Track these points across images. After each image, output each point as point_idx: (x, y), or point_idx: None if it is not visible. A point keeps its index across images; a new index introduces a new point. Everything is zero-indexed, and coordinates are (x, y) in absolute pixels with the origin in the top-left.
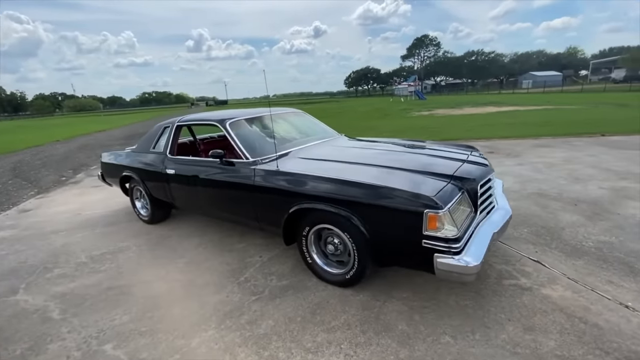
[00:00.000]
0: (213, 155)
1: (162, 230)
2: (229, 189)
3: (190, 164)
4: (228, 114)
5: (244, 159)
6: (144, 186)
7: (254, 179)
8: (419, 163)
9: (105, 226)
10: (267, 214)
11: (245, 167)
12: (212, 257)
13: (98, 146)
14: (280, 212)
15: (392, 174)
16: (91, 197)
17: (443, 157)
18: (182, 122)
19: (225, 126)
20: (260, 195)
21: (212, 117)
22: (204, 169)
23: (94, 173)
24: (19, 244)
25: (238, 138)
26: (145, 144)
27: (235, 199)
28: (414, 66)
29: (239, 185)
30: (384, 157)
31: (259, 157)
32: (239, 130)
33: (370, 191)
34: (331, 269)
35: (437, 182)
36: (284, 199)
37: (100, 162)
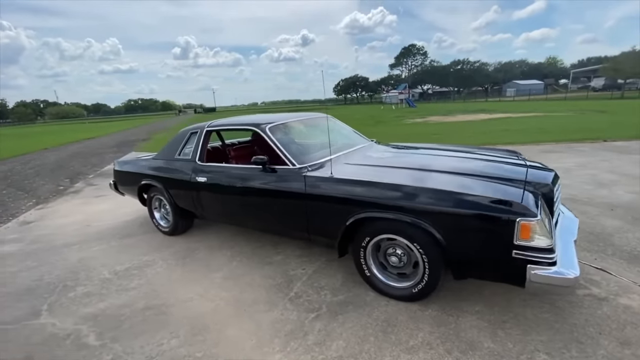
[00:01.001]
0: (255, 162)
1: (187, 242)
2: (275, 198)
3: (225, 171)
4: (263, 119)
5: (290, 166)
6: (168, 196)
7: (306, 186)
8: (484, 168)
9: (121, 238)
10: (320, 225)
11: (293, 174)
12: (251, 271)
13: (90, 154)
14: (338, 223)
15: (465, 180)
16: (96, 207)
17: (502, 161)
18: (212, 128)
19: (265, 131)
20: (314, 205)
21: (247, 121)
22: (243, 177)
23: (94, 182)
24: (29, 260)
25: (281, 143)
26: (169, 151)
27: (282, 208)
28: (401, 74)
29: (288, 193)
30: (442, 162)
31: (305, 163)
32: (279, 135)
33: (452, 199)
34: (393, 282)
35: (515, 188)
36: (343, 208)
37: (114, 171)
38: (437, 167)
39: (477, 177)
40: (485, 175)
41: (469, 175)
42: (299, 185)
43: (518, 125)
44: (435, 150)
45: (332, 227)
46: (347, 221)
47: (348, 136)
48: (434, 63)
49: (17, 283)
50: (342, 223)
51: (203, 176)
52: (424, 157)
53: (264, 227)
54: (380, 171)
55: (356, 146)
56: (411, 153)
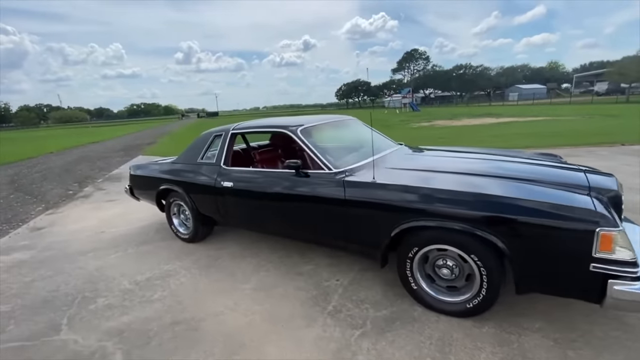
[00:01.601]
0: (288, 166)
1: (207, 250)
2: (310, 204)
3: (254, 176)
4: (292, 121)
5: (326, 170)
6: (190, 201)
7: (345, 192)
8: (540, 173)
9: (138, 245)
10: (362, 233)
11: (329, 179)
12: (282, 282)
13: (96, 158)
14: (381, 231)
15: (527, 186)
16: (108, 212)
17: (555, 166)
18: (238, 130)
19: (297, 134)
20: (355, 212)
21: (276, 124)
22: (274, 182)
23: (103, 187)
24: (43, 268)
25: (314, 147)
26: (190, 155)
27: (318, 215)
28: (403, 79)
29: (325, 200)
30: (491, 166)
31: (342, 167)
32: (311, 138)
33: (520, 206)
34: (444, 296)
35: (583, 196)
36: (388, 215)
37: (130, 175)
38: (489, 171)
39: (538, 183)
40: (545, 181)
41: (528, 180)
42: (338, 191)
43: (529, 129)
44: (476, 154)
45: (374, 236)
46: (393, 231)
47: (377, 138)
48: (436, 67)
49: (32, 294)
50: (386, 232)
51: (229, 181)
52: (469, 161)
53: (295, 235)
54: (426, 176)
55: (388, 149)
56: (453, 157)
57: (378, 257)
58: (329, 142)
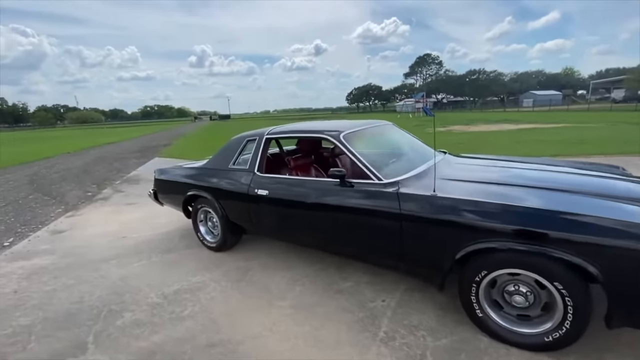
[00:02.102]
0: (333, 175)
1: (236, 261)
2: (357, 217)
3: (292, 184)
4: (332, 125)
5: (375, 180)
6: (220, 208)
7: (401, 206)
8: (619, 190)
9: (162, 254)
10: (418, 253)
11: (380, 190)
12: (322, 301)
13: (113, 159)
14: (445, 252)
15: (614, 204)
16: (129, 216)
17: (627, 180)
18: (273, 135)
19: (339, 139)
20: (412, 229)
21: (315, 128)
22: (315, 192)
23: (121, 189)
24: (65, 276)
25: (360, 154)
26: (221, 160)
27: (366, 230)
28: (415, 84)
29: (376, 213)
30: (562, 180)
31: (393, 177)
32: (357, 144)
33: (622, 228)
34: (517, 326)
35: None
36: (455, 234)
37: (155, 180)
38: (563, 186)
39: (624, 201)
40: (628, 197)
41: (612, 197)
42: (391, 205)
43: (552, 136)
44: (534, 164)
45: (434, 256)
46: (459, 252)
47: (420, 147)
48: (448, 72)
49: (54, 305)
50: (450, 253)
51: (264, 189)
52: (532, 172)
53: (336, 249)
54: (494, 190)
55: (435, 158)
56: (511, 167)
57: (436, 280)
58: (371, 149)
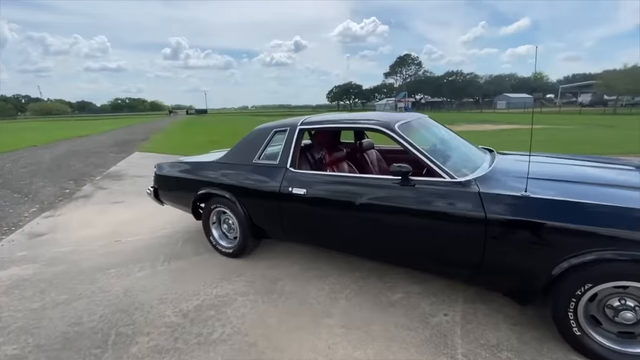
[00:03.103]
0: (395, 171)
1: (259, 269)
2: (425, 221)
3: (339, 183)
4: (375, 116)
5: (446, 178)
6: (242, 209)
7: (486, 209)
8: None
9: (168, 261)
10: (507, 263)
11: (454, 190)
12: (374, 316)
13: (88, 153)
14: (542, 261)
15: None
16: (119, 217)
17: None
18: (307, 126)
19: (394, 129)
20: (502, 235)
21: (359, 118)
22: (368, 192)
23: (103, 185)
24: (54, 290)
25: (423, 147)
26: (243, 153)
27: (439, 237)
28: (394, 83)
29: (454, 217)
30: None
31: (465, 175)
32: (415, 136)
33: None
34: (624, 346)
35: None
36: (559, 241)
37: (156, 176)
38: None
39: None
40: None
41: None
42: (472, 207)
43: (536, 137)
44: (586, 162)
45: (529, 267)
46: (561, 262)
47: (465, 142)
48: (427, 73)
49: (46, 328)
50: (548, 263)
51: (300, 187)
52: (598, 170)
53: (392, 258)
54: (585, 190)
55: (490, 156)
56: (574, 165)
57: (521, 293)
58: (423, 143)
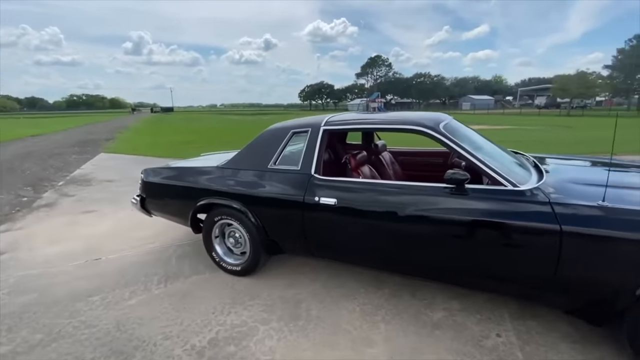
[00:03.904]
0: (450, 178)
1: (274, 289)
2: (488, 234)
3: (379, 192)
4: (413, 115)
5: (507, 186)
6: (255, 221)
7: (560, 220)
8: None
9: (164, 282)
10: (585, 281)
11: (522, 199)
12: (422, 342)
13: (45, 155)
14: (624, 280)
15: None
16: (93, 229)
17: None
18: (333, 127)
19: (441, 131)
20: (579, 250)
21: (394, 118)
22: (416, 202)
23: (68, 192)
24: (25, 328)
25: (474, 151)
26: (255, 157)
27: (503, 252)
28: (366, 84)
29: (522, 230)
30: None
31: (527, 183)
32: (461, 138)
33: None
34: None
35: None
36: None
37: (144, 183)
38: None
39: None
40: None
41: None
42: (544, 218)
43: (508, 137)
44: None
45: (609, 285)
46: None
47: (499, 146)
48: (397, 75)
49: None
50: (634, 283)
51: (329, 196)
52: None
53: (441, 276)
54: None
55: (530, 160)
56: (621, 171)
57: (596, 312)
58: (476, 145)
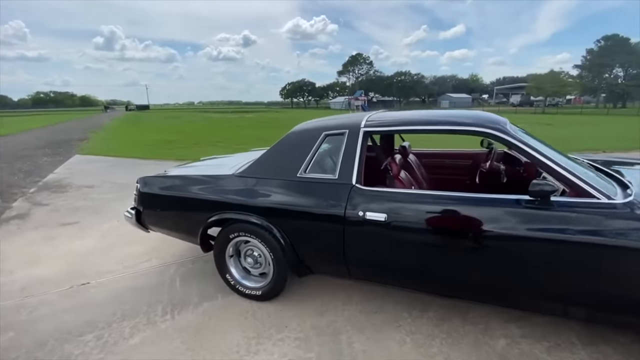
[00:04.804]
0: (536, 190)
1: (303, 316)
2: (578, 254)
3: (441, 204)
4: (471, 115)
5: (601, 199)
6: (281, 239)
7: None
8: None
9: (171, 312)
10: None
11: (619, 214)
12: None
13: (12, 157)
14: None
15: None
16: (76, 245)
17: None
18: (374, 128)
19: (512, 133)
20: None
21: (449, 118)
22: (490, 215)
23: (43, 200)
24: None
25: (552, 156)
26: (280, 164)
27: (602, 276)
28: (347, 82)
29: (625, 250)
30: None
31: (613, 194)
32: (530, 141)
33: None
34: None
35: None
36: None
37: (141, 194)
38: None
39: None
40: None
41: None
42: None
43: None
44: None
45: None
46: None
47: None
48: (378, 73)
49: None
50: None
51: (378, 210)
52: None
53: (518, 302)
54: None
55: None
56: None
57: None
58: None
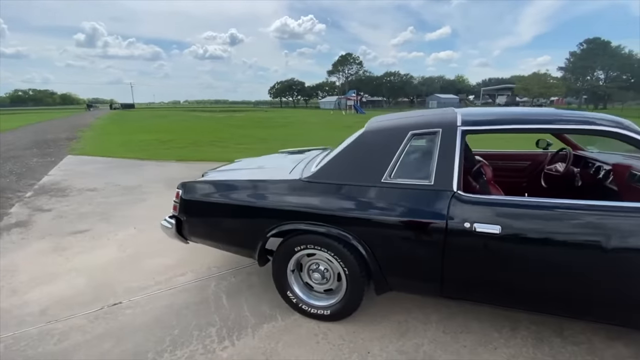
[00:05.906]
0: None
1: (382, 339)
2: None
3: (569, 214)
4: (579, 114)
5: None
6: (364, 252)
7: None
8: None
9: (229, 338)
10: None
11: None
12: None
13: (1, 157)
14: None
15: None
16: (92, 258)
17: None
18: (474, 126)
19: (631, 130)
20: None
21: (561, 117)
22: (625, 227)
23: (43, 205)
24: None
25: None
26: (359, 167)
27: None
28: (337, 82)
29: None
30: None
31: None
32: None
33: None
34: None
35: None
36: None
37: (182, 201)
38: None
39: None
40: None
41: None
42: None
43: (501, 136)
44: None
45: None
46: None
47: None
48: (367, 73)
49: None
50: None
51: (490, 221)
52: None
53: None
54: None
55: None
56: None
57: None
58: None
